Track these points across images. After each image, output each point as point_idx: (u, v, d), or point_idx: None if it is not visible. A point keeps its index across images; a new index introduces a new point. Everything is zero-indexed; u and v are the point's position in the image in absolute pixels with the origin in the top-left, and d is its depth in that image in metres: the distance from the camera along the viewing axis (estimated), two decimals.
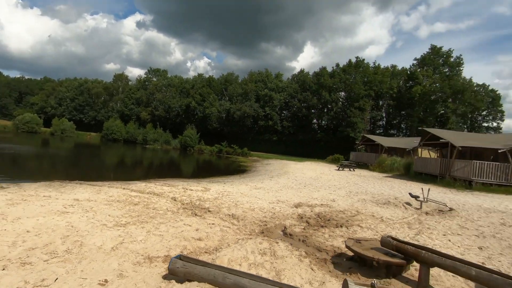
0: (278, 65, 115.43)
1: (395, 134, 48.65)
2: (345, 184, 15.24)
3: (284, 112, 55.09)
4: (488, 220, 8.09)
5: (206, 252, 4.47)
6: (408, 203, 9.87)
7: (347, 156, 36.05)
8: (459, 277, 3.95)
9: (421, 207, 9.37)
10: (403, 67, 49.09)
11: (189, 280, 3.29)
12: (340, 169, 25.94)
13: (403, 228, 6.88)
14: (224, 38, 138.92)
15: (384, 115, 50.51)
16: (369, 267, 4.13)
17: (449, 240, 5.97)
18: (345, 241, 4.63)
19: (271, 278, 3.56)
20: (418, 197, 9.76)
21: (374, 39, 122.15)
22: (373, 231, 6.34)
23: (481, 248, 5.58)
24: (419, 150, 24.65)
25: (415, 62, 47.12)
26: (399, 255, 3.99)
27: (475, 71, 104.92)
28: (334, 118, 47.43)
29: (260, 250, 4.56)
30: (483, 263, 4.75)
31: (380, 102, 49.98)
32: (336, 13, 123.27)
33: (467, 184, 16.22)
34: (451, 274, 4.04)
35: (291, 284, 3.50)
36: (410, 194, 10.21)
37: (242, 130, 53.39)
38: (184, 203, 7.86)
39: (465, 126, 44.92)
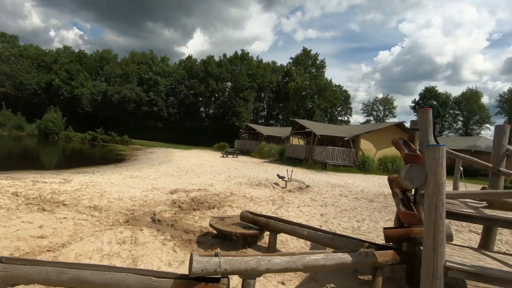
0: (166, 48, 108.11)
1: (274, 124, 54.15)
2: (226, 170, 15.94)
3: (171, 98, 52.86)
4: (331, 193, 10.06)
5: (49, 251, 3.82)
6: (276, 183, 11.18)
7: (232, 143, 37.75)
8: (301, 239, 4.73)
9: (286, 186, 10.77)
10: (281, 64, 54.71)
11: (13, 285, 2.72)
12: (225, 156, 26.93)
13: (268, 204, 7.74)
14: (101, 9, 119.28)
15: (265, 106, 55.28)
16: (230, 241, 4.44)
17: (301, 211, 7.11)
18: (209, 221, 4.83)
19: (125, 266, 3.36)
20: (284, 177, 11.18)
21: (260, 35, 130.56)
22: (242, 210, 6.86)
23: (322, 215, 6.89)
24: (291, 138, 28.22)
25: (290, 61, 53.23)
26: (255, 227, 4.46)
27: (335, 74, 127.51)
28: (221, 107, 48.72)
29: (119, 239, 4.24)
30: (320, 225, 5.87)
31: (262, 94, 54.38)
32: (226, 4, 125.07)
33: (323, 166, 19.67)
34: (295, 238, 4.80)
35: (148, 268, 3.39)
36: (278, 175, 11.58)
37: (122, 115, 48.24)
38: (29, 198, 6.47)
39: (326, 119, 54.24)
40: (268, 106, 55.57)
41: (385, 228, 3.32)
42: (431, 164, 2.72)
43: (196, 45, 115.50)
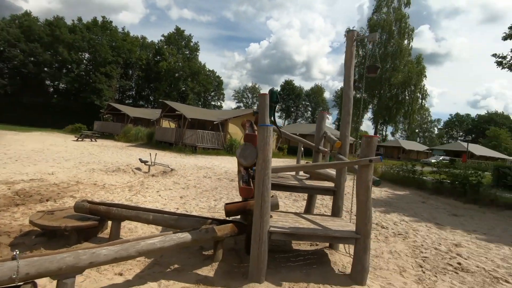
0: None
1: (145, 105, 50.11)
2: (78, 155, 13.60)
3: None
4: (196, 175, 10.17)
5: None
6: (139, 169, 10.35)
7: (91, 125, 32.69)
8: (152, 225, 4.49)
9: (149, 171, 10.14)
10: (152, 41, 50.55)
11: None
12: (80, 139, 22.99)
13: (123, 191, 7.04)
14: None
15: (133, 85, 50.19)
16: (60, 237, 3.74)
17: (160, 195, 6.82)
18: (30, 216, 3.92)
19: None
20: (147, 161, 10.49)
21: (128, 5, 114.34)
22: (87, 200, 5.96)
23: (182, 197, 6.84)
24: (161, 120, 26.84)
25: (162, 38, 49.93)
26: (95, 217, 3.91)
27: (209, 59, 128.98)
28: (76, 82, 40.93)
29: None
30: (177, 208, 5.80)
31: (130, 72, 49.04)
32: None
33: (194, 149, 19.73)
34: (146, 224, 4.51)
35: None
36: (140, 159, 10.76)
37: None
38: None
39: (200, 103, 54.44)
40: (137, 85, 50.65)
41: (226, 204, 3.53)
42: (260, 142, 3.01)
43: (41, 1, 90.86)
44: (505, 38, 18.57)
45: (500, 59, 19.44)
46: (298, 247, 4.19)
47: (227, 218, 3.77)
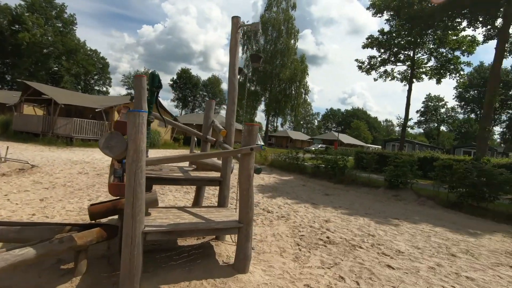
0: None
1: None
2: None
3: None
4: (68, 172, 8.56)
5: None
6: None
7: None
8: None
9: None
10: (6, 4, 39.77)
11: None
12: None
13: None
14: None
15: None
16: None
17: (9, 199, 5.36)
18: None
19: None
20: None
21: None
22: None
23: (43, 199, 5.55)
24: (23, 105, 21.59)
25: (22, 3, 39.88)
26: None
27: (92, 37, 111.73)
28: None
29: None
30: (33, 214, 4.65)
31: None
32: None
33: (69, 141, 16.69)
34: None
35: None
36: None
37: None
38: None
39: (80, 87, 46.58)
40: None
41: (91, 205, 2.95)
42: (131, 130, 2.59)
43: None
44: (363, 47, 22.81)
45: (360, 64, 23.88)
46: (184, 242, 3.95)
47: (99, 222, 3.18)
